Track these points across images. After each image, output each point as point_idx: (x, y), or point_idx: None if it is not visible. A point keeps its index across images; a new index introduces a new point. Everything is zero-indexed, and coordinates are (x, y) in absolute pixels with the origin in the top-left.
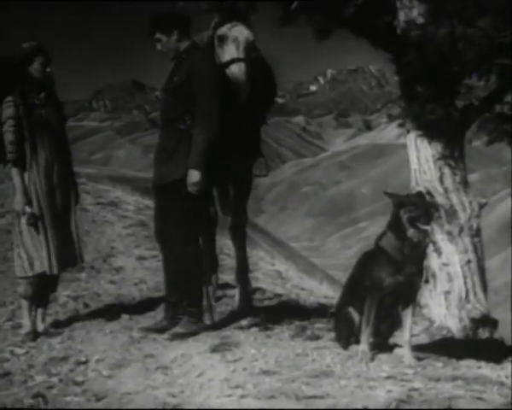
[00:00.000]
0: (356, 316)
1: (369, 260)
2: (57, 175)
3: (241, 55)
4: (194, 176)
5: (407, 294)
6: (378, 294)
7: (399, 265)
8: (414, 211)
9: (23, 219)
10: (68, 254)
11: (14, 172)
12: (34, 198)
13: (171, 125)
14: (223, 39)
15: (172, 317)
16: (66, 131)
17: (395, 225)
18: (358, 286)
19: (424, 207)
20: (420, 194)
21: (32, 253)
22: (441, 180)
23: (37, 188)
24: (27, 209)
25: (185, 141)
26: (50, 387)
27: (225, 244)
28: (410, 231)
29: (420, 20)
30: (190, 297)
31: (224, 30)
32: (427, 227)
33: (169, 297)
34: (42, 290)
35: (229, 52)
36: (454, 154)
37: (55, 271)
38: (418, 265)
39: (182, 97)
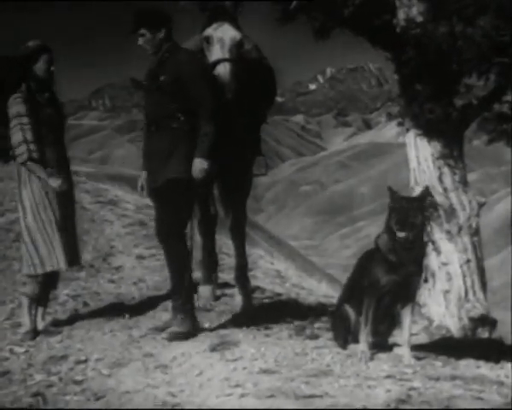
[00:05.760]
0: (352, 313)
1: (368, 258)
2: (62, 175)
3: (227, 55)
4: (202, 164)
5: (405, 293)
6: (375, 293)
7: (394, 264)
8: (397, 215)
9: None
10: (71, 253)
11: (33, 166)
12: (43, 196)
13: (162, 124)
14: (209, 40)
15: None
16: (64, 133)
17: (388, 226)
18: (357, 285)
19: (409, 214)
20: (415, 199)
21: (42, 250)
22: (440, 179)
23: (46, 186)
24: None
25: (180, 140)
26: (50, 386)
27: (225, 243)
28: (399, 234)
29: (419, 19)
30: (182, 295)
31: (209, 31)
32: (401, 234)
33: (172, 296)
34: (45, 288)
35: (214, 53)
36: (453, 153)
37: (63, 267)
38: (416, 265)
39: (172, 95)
